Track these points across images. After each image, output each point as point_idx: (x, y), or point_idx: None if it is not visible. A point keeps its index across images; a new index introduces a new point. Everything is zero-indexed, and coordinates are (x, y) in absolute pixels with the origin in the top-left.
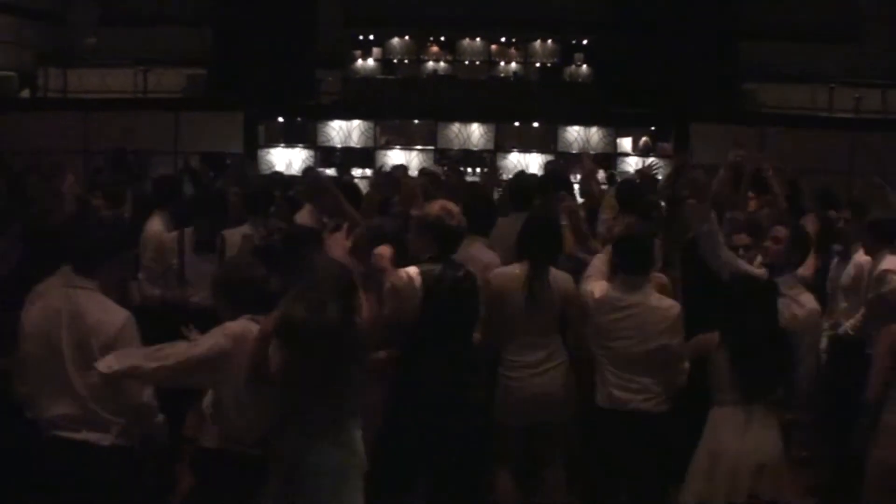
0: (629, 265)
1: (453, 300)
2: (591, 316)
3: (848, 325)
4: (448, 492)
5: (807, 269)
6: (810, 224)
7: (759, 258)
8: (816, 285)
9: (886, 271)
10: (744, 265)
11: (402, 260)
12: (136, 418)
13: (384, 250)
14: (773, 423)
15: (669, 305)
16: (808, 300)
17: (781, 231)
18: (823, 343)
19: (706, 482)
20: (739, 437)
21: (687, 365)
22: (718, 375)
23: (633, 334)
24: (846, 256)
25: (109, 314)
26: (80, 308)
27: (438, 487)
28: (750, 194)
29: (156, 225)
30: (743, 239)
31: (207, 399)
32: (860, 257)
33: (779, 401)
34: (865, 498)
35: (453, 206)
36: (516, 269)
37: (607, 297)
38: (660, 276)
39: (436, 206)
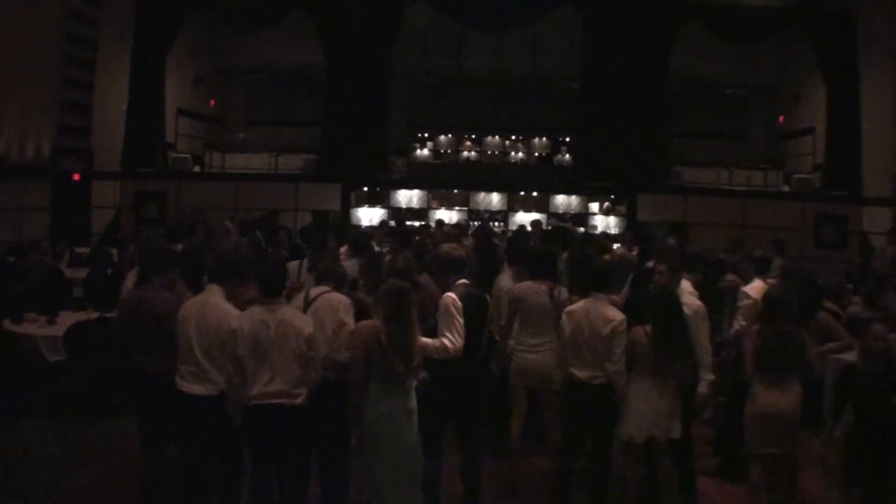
0: (591, 286)
1: (474, 307)
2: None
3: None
4: (471, 436)
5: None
6: None
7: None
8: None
9: (747, 290)
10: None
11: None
12: (311, 387)
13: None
14: (672, 392)
15: (615, 314)
16: (693, 301)
17: (663, 266)
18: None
19: (628, 422)
20: (646, 396)
21: (622, 352)
22: (640, 353)
23: (589, 330)
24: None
25: (304, 320)
26: (287, 318)
27: (464, 433)
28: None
29: None
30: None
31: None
32: (749, 287)
33: (678, 372)
34: (746, 442)
35: (456, 245)
36: (531, 284)
37: (576, 307)
38: (614, 298)
39: (444, 247)
